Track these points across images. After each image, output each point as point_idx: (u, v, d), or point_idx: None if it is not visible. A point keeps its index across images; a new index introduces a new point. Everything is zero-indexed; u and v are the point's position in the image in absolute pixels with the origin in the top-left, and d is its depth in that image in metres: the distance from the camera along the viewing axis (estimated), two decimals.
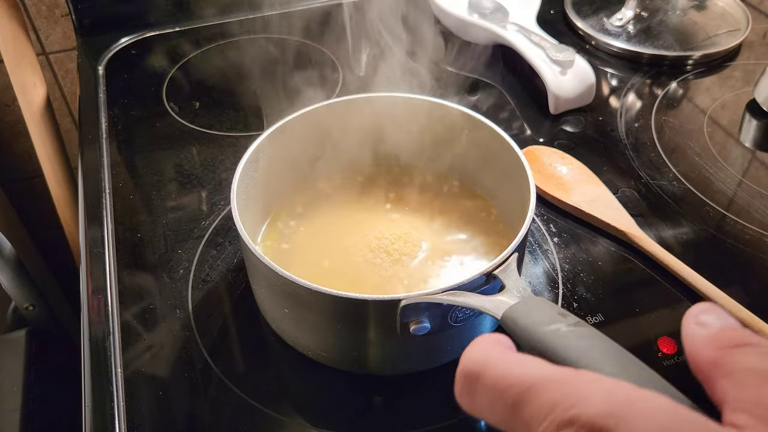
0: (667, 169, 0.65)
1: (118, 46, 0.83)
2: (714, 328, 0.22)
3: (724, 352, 0.21)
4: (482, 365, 0.23)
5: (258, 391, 0.46)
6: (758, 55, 0.82)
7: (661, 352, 0.48)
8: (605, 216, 0.57)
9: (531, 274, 0.54)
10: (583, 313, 0.51)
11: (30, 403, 0.63)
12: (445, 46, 0.81)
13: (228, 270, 0.54)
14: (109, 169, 0.64)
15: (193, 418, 0.45)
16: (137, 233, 0.58)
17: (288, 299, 0.42)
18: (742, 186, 0.63)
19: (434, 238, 0.52)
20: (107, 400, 0.45)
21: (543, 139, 0.68)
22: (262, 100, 0.72)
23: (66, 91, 0.97)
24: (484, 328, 0.45)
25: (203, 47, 0.83)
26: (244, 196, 0.47)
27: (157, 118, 0.72)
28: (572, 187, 0.60)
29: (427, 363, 0.46)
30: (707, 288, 0.51)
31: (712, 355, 0.21)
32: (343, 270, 0.50)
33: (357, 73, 0.76)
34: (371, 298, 0.38)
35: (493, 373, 0.23)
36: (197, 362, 0.48)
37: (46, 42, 0.91)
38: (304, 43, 0.82)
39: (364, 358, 0.44)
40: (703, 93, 0.76)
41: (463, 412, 0.25)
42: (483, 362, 0.23)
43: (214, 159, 0.66)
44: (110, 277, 0.53)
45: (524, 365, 0.22)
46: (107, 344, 0.49)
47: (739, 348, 0.21)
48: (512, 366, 0.22)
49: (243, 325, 0.51)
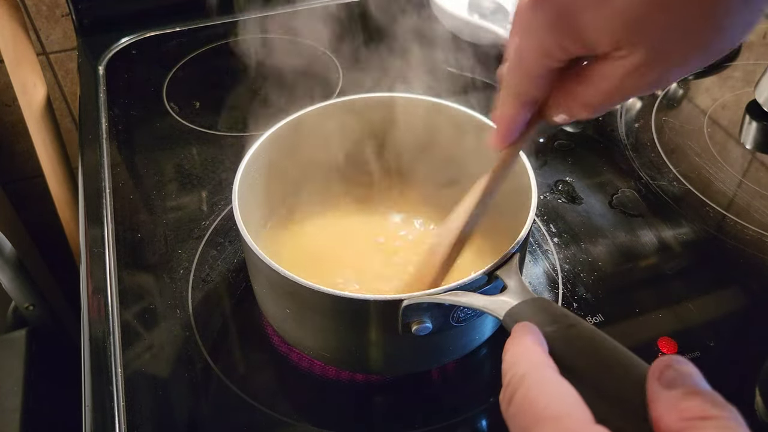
0: (667, 169, 0.65)
1: (118, 46, 0.83)
2: (678, 392, 0.22)
3: (688, 424, 0.21)
4: (521, 381, 0.25)
5: (258, 391, 0.46)
6: (758, 56, 0.83)
7: (661, 353, 0.48)
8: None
9: (531, 274, 0.54)
10: (584, 313, 0.51)
11: (30, 403, 0.63)
12: (446, 46, 0.81)
13: (228, 270, 0.54)
14: (109, 169, 0.64)
15: (193, 418, 0.45)
16: (137, 233, 0.58)
17: (290, 299, 0.42)
18: (742, 186, 0.63)
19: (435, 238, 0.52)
20: (107, 400, 0.45)
21: (543, 139, 0.68)
22: (262, 100, 0.72)
23: (66, 91, 0.97)
24: (485, 328, 0.45)
25: (203, 47, 0.83)
26: (245, 196, 0.47)
27: (157, 118, 0.72)
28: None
29: (429, 363, 0.46)
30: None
31: (676, 426, 0.22)
32: (345, 269, 0.50)
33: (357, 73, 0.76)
34: (373, 298, 0.38)
35: (524, 393, 0.25)
36: (197, 362, 0.48)
37: (47, 42, 0.91)
38: (304, 43, 0.82)
39: (365, 358, 0.44)
40: (704, 93, 0.76)
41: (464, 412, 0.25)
42: (522, 377, 0.25)
43: (214, 159, 0.66)
44: (110, 277, 0.53)
45: (548, 395, 0.24)
46: (107, 344, 0.48)
47: (704, 421, 0.21)
48: (539, 394, 0.24)
49: (243, 325, 0.51)
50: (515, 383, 0.25)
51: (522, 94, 0.32)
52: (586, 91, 0.30)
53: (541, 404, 0.24)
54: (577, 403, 0.24)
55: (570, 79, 0.31)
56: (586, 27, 0.27)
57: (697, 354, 0.48)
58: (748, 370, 0.47)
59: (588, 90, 0.30)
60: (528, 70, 0.31)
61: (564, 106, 0.32)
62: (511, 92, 0.33)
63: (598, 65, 0.29)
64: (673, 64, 0.27)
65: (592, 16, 0.26)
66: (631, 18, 0.26)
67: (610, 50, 0.27)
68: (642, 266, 0.55)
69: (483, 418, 0.45)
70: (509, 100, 0.33)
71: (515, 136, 0.35)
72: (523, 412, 0.24)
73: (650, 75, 0.27)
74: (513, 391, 0.25)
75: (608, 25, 0.26)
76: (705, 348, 0.48)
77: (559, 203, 0.61)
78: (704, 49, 0.27)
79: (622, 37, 0.26)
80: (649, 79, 0.28)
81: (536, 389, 0.25)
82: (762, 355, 0.48)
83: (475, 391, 0.47)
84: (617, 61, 0.27)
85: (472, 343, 0.46)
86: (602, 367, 0.26)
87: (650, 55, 0.26)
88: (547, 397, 0.24)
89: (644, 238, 0.57)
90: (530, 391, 0.25)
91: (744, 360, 0.48)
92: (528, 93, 0.32)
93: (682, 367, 0.23)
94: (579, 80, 0.30)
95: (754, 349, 0.49)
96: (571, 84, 0.31)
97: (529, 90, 0.32)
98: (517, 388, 0.25)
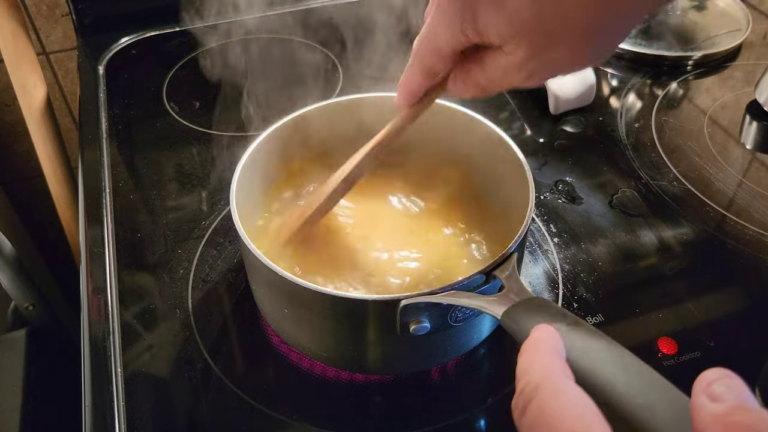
0: (667, 169, 0.65)
1: (118, 46, 0.83)
2: (725, 405, 0.21)
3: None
4: (535, 390, 0.25)
5: (258, 391, 0.46)
6: (759, 56, 0.82)
7: (661, 353, 0.48)
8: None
9: (531, 274, 0.54)
10: (583, 313, 0.51)
11: (30, 403, 0.63)
12: None
13: (228, 270, 0.54)
14: (109, 169, 0.64)
15: (193, 418, 0.45)
16: (137, 233, 0.58)
17: (288, 299, 0.42)
18: (743, 186, 0.63)
19: (436, 237, 0.52)
20: (107, 400, 0.45)
21: (543, 140, 0.68)
22: (261, 100, 0.72)
23: (66, 91, 0.97)
24: (483, 328, 0.45)
25: (203, 47, 0.83)
26: (243, 196, 0.47)
27: (157, 118, 0.72)
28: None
29: (427, 363, 0.46)
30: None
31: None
32: (343, 270, 0.49)
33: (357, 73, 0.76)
34: (371, 299, 0.38)
35: (539, 404, 0.24)
36: (197, 362, 0.48)
37: (46, 42, 0.91)
38: (304, 43, 0.82)
39: (364, 358, 0.44)
40: (704, 93, 0.76)
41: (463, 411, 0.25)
42: (537, 386, 0.25)
43: (214, 159, 0.66)
44: (110, 277, 0.53)
45: (565, 408, 0.23)
46: (107, 344, 0.49)
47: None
48: (555, 406, 0.24)
49: (243, 325, 0.51)
50: (529, 392, 0.25)
51: (427, 66, 0.36)
52: (479, 74, 0.34)
53: (557, 417, 0.23)
54: (596, 416, 0.23)
55: (469, 60, 0.35)
56: (482, 21, 0.31)
57: (697, 354, 0.48)
58: (748, 370, 0.47)
59: (481, 73, 0.34)
60: (435, 46, 0.34)
61: (461, 82, 0.36)
62: (417, 62, 0.37)
63: (490, 54, 0.33)
64: (551, 64, 0.32)
65: (487, 13, 0.30)
66: (516, 21, 0.29)
67: (499, 44, 0.31)
68: (642, 266, 0.55)
69: (482, 418, 0.45)
70: (416, 69, 0.37)
71: (416, 99, 0.40)
72: (539, 425, 0.23)
73: (529, 70, 0.32)
74: (527, 401, 0.24)
75: (498, 23, 0.30)
76: (705, 348, 0.48)
77: (559, 203, 0.61)
78: (578, 57, 0.31)
79: (509, 36, 0.30)
80: (529, 74, 0.32)
81: (552, 400, 0.24)
82: (762, 355, 0.48)
83: (474, 391, 0.47)
84: (503, 55, 0.32)
85: (471, 343, 0.46)
86: (602, 366, 0.26)
87: (530, 55, 0.31)
88: (563, 410, 0.23)
89: (644, 238, 0.57)
90: (545, 401, 0.24)
91: (744, 360, 0.48)
92: (432, 66, 0.36)
93: (730, 381, 0.22)
94: (476, 63, 0.34)
95: (754, 349, 0.49)
96: (470, 64, 0.35)
97: (434, 63, 0.36)
98: (532, 398, 0.24)
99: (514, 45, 0.31)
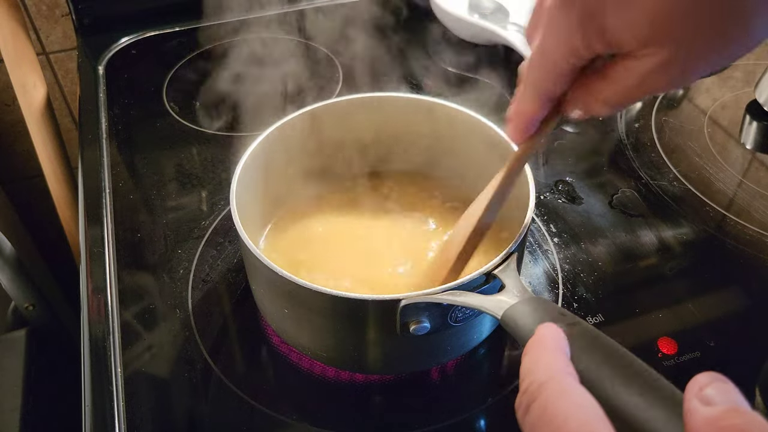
0: (667, 169, 0.65)
1: (118, 46, 0.83)
2: (717, 409, 0.21)
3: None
4: (539, 389, 0.24)
5: (258, 391, 0.46)
6: (759, 56, 0.82)
7: (661, 353, 0.48)
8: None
9: (531, 274, 0.54)
10: (583, 313, 0.51)
11: (30, 403, 0.63)
12: (446, 45, 0.81)
13: (228, 270, 0.54)
14: (109, 169, 0.64)
15: (193, 418, 0.45)
16: (137, 233, 0.58)
17: (288, 299, 0.42)
18: (743, 186, 0.63)
19: (434, 237, 0.52)
20: (107, 400, 0.45)
21: (542, 139, 0.68)
22: (261, 100, 0.72)
23: (66, 91, 0.97)
24: (483, 328, 0.45)
25: (203, 47, 0.83)
26: (243, 196, 0.47)
27: (157, 118, 0.72)
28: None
29: (427, 363, 0.46)
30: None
31: None
32: (342, 269, 0.49)
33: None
34: (371, 298, 0.38)
35: (542, 404, 0.24)
36: (197, 362, 0.48)
37: (46, 42, 0.91)
38: (304, 43, 0.82)
39: (363, 358, 0.44)
40: (704, 93, 0.76)
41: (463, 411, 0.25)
42: (540, 385, 0.24)
43: (214, 159, 0.66)
44: (110, 277, 0.53)
45: (569, 408, 0.23)
46: (107, 344, 0.49)
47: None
48: (559, 407, 0.23)
49: (243, 325, 0.51)
50: (533, 391, 0.24)
51: (543, 90, 0.33)
52: (607, 88, 0.30)
53: (561, 417, 0.23)
54: (599, 417, 0.23)
55: (590, 76, 0.31)
56: (613, 27, 0.27)
57: (697, 354, 0.48)
58: (748, 370, 0.47)
59: (609, 87, 0.30)
60: (551, 67, 0.31)
61: (582, 102, 0.32)
62: (531, 88, 0.33)
63: (622, 62, 0.29)
64: (696, 62, 0.28)
65: (619, 17, 0.27)
66: (658, 18, 0.26)
67: (635, 49, 0.28)
68: (642, 266, 0.55)
69: (482, 418, 0.45)
70: (530, 96, 0.34)
71: (533, 131, 0.37)
72: (543, 424, 0.23)
73: (672, 73, 0.28)
74: (531, 400, 0.24)
75: (635, 25, 0.27)
76: (705, 348, 0.48)
77: (559, 203, 0.61)
78: (728, 47, 0.27)
79: (649, 37, 0.27)
80: (671, 77, 0.28)
81: (556, 400, 0.24)
82: (762, 355, 0.48)
83: (474, 391, 0.47)
84: (641, 59, 0.28)
85: (471, 343, 0.46)
86: (601, 366, 0.26)
87: (675, 54, 0.27)
88: (567, 411, 0.23)
89: (644, 238, 0.57)
90: (549, 401, 0.24)
91: (744, 360, 0.48)
92: (549, 89, 0.33)
93: (722, 385, 0.22)
94: (600, 77, 0.31)
95: (754, 349, 0.49)
96: (591, 81, 0.31)
97: (551, 86, 0.32)
98: (536, 397, 0.24)
99: (656, 46, 0.27)
